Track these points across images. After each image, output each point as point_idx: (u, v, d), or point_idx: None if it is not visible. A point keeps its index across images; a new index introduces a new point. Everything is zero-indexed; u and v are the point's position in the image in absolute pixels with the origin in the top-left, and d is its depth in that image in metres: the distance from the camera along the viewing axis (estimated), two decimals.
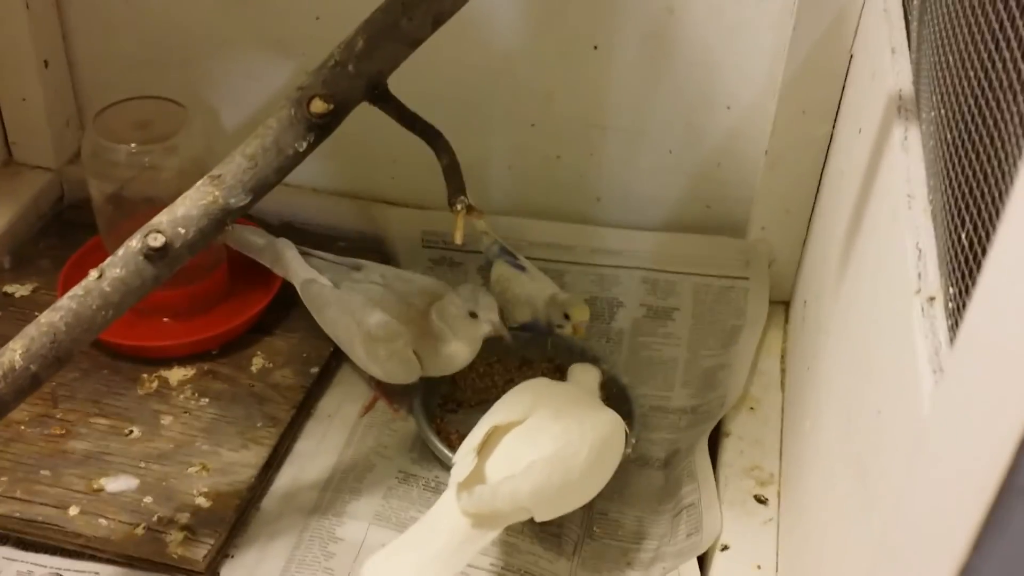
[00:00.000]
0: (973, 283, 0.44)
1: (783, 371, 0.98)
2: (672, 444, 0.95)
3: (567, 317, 0.94)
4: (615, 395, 0.95)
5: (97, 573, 0.82)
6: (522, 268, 0.99)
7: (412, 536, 0.74)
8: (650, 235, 1.07)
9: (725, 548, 0.82)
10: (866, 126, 0.75)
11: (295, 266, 0.94)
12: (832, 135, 0.94)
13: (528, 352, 1.00)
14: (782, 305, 1.05)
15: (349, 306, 0.91)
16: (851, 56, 0.89)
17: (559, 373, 0.99)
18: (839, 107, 0.92)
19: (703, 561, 0.82)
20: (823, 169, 0.96)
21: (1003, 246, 0.31)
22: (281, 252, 0.95)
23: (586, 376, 0.88)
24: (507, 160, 1.08)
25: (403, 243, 1.10)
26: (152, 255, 0.70)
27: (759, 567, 0.81)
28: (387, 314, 0.89)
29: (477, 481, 0.75)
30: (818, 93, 0.92)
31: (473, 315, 0.87)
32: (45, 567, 0.82)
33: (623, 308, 1.06)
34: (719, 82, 0.99)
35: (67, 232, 1.09)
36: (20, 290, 1.03)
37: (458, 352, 0.90)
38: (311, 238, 1.10)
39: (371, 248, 1.11)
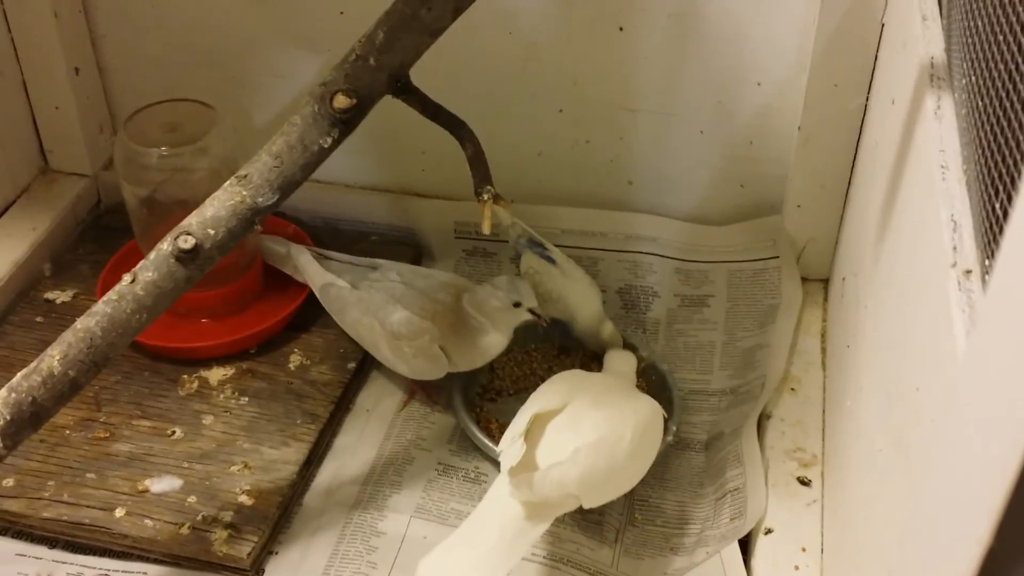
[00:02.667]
0: None
1: (823, 350, 0.96)
2: (714, 426, 0.94)
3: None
4: (655, 382, 0.95)
5: (145, 573, 0.83)
6: (552, 260, 0.98)
7: (464, 533, 0.73)
8: (682, 225, 1.06)
9: (769, 531, 0.81)
10: (899, 96, 0.73)
11: (311, 272, 0.95)
12: (866, 107, 0.92)
13: (566, 340, 1.00)
14: (821, 283, 1.03)
15: (370, 306, 0.91)
16: (882, 25, 0.87)
17: (596, 361, 0.99)
18: (872, 78, 0.90)
19: (748, 546, 0.81)
20: (858, 143, 0.94)
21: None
22: (296, 259, 0.96)
23: (622, 363, 0.87)
24: (536, 147, 1.08)
25: (436, 235, 1.10)
26: (183, 257, 0.71)
27: (804, 549, 0.79)
28: (409, 311, 0.89)
29: (525, 469, 0.75)
30: (850, 65, 0.90)
31: (517, 304, 0.88)
32: (94, 568, 0.83)
33: (658, 298, 1.05)
34: (748, 58, 0.97)
35: (105, 237, 1.11)
36: (61, 296, 1.04)
37: (494, 343, 0.90)
38: (345, 234, 1.11)
39: (404, 241, 1.11)
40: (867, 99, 0.91)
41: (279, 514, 0.85)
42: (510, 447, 0.76)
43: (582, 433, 0.76)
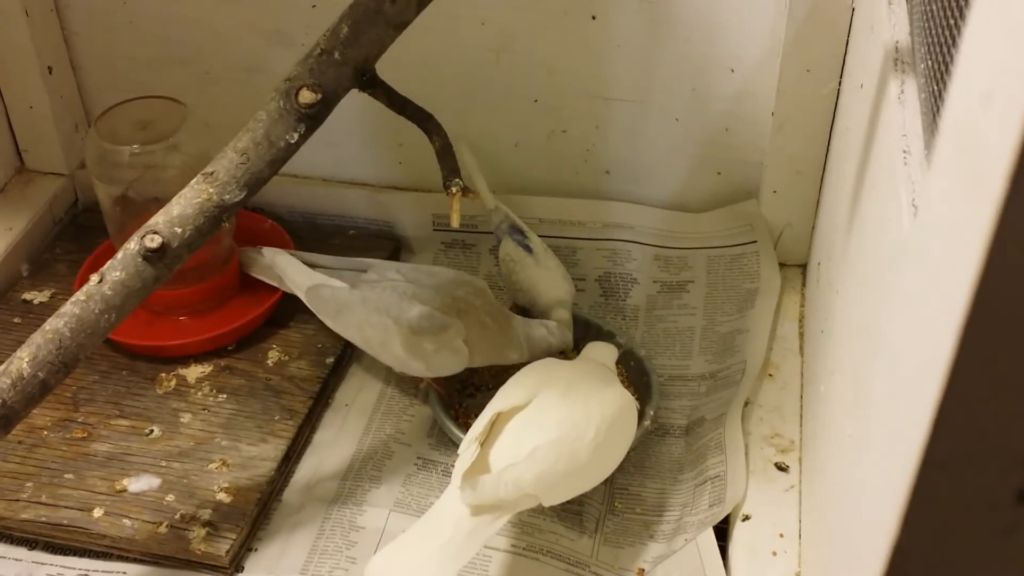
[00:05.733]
0: None
1: (801, 336, 0.96)
2: (694, 411, 0.94)
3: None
4: (633, 368, 0.95)
5: (124, 573, 0.83)
6: (529, 249, 0.97)
7: (417, 530, 0.72)
8: (660, 212, 1.06)
9: (747, 518, 0.81)
10: (867, 81, 0.73)
11: (296, 275, 0.94)
12: (839, 93, 0.91)
13: None
14: (799, 268, 1.03)
15: (380, 305, 0.89)
16: (852, 10, 0.87)
17: (576, 352, 0.98)
18: (844, 63, 0.90)
19: (726, 533, 0.81)
20: (832, 128, 0.94)
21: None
22: (283, 269, 0.95)
23: (601, 354, 0.86)
24: (513, 138, 1.07)
25: (414, 228, 1.10)
26: (150, 256, 0.70)
27: (782, 535, 0.80)
28: (429, 307, 0.88)
29: (481, 471, 0.74)
30: (821, 50, 0.90)
31: (563, 354, 0.91)
32: (73, 569, 0.83)
33: (637, 285, 1.05)
34: (722, 45, 0.97)
35: (83, 236, 1.10)
36: (39, 297, 1.04)
37: (516, 360, 0.90)
38: (322, 229, 1.11)
39: (382, 235, 1.11)
40: (839, 84, 0.91)
41: (258, 511, 0.85)
42: (464, 452, 0.75)
43: (543, 430, 0.75)
